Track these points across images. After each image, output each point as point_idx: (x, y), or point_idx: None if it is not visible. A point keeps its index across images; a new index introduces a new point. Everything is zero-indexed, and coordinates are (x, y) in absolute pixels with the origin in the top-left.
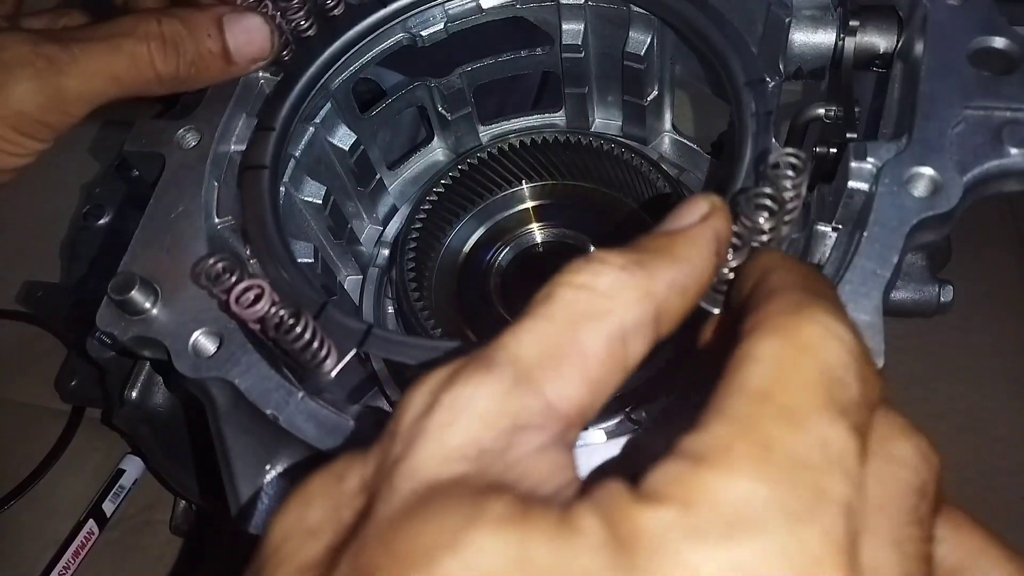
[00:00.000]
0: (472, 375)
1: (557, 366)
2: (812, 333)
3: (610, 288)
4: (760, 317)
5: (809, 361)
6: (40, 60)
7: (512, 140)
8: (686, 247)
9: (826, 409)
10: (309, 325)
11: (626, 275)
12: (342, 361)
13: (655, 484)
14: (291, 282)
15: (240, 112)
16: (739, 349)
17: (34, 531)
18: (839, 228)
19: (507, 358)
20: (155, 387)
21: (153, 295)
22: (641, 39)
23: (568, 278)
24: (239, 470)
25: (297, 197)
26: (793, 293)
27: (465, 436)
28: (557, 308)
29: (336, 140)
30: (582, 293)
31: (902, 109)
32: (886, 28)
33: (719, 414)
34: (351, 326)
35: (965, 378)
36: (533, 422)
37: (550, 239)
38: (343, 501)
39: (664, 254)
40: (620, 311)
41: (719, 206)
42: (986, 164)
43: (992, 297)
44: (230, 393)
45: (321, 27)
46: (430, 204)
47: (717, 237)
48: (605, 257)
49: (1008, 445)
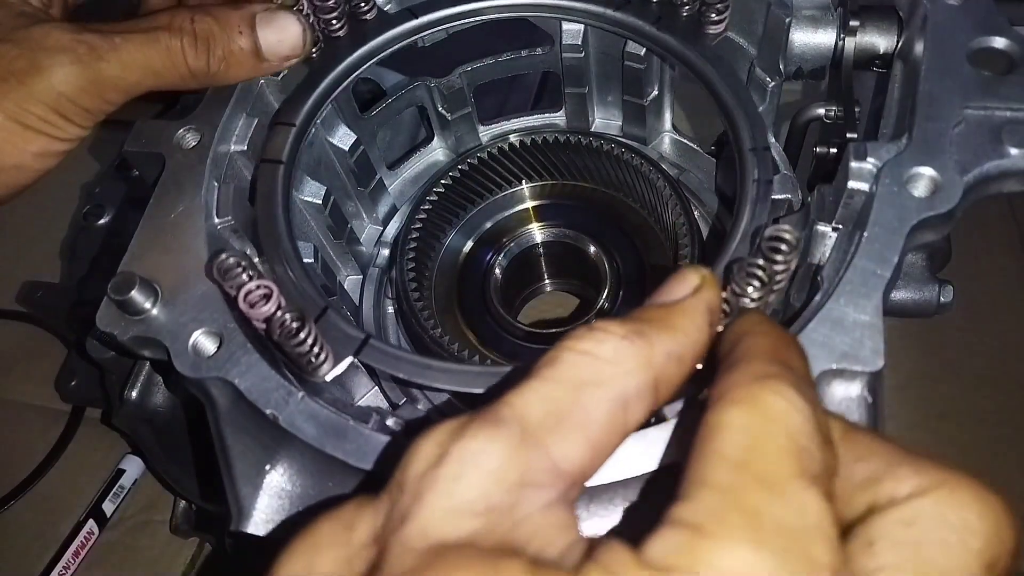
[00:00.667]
0: (480, 430)
1: (562, 428)
2: (776, 405)
3: (613, 356)
4: (728, 386)
5: (778, 431)
6: (81, 47)
7: (512, 140)
8: (682, 318)
9: (799, 477)
10: (312, 331)
11: (627, 344)
12: (338, 368)
13: (659, 553)
14: (296, 283)
15: (240, 112)
16: (710, 416)
17: (34, 531)
18: (839, 228)
19: (514, 416)
20: (155, 387)
21: (153, 295)
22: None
23: (573, 344)
24: (239, 470)
25: (297, 197)
26: (761, 363)
27: (474, 490)
28: (562, 372)
29: (336, 140)
30: (586, 359)
31: (902, 109)
32: (886, 28)
33: (703, 484)
34: (350, 333)
35: (965, 378)
36: (539, 480)
37: (550, 239)
38: (354, 552)
39: (662, 325)
40: (622, 378)
41: (709, 279)
42: (986, 164)
43: (992, 297)
44: (230, 393)
45: (352, 29)
46: (430, 204)
47: (709, 309)
48: (607, 326)
49: (1008, 445)
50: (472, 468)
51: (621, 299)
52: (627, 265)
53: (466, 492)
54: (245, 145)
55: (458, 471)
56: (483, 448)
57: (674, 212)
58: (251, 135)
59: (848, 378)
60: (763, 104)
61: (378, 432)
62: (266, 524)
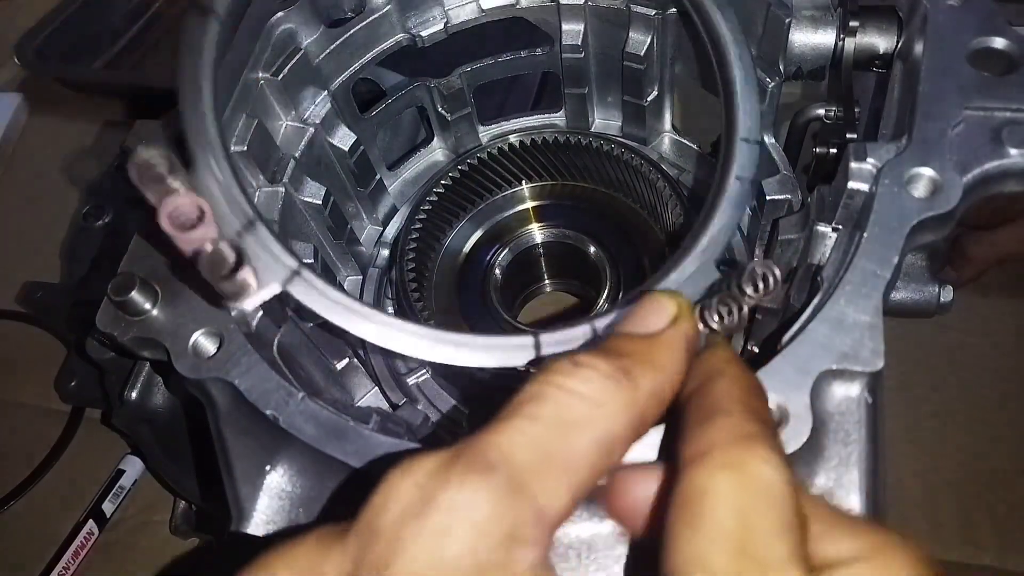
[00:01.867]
0: (468, 477)
1: (549, 473)
2: (765, 474)
3: (600, 397)
4: (708, 444)
5: (770, 506)
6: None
7: (512, 140)
8: (664, 354)
9: (791, 559)
10: (246, 262)
11: (614, 384)
12: (258, 298)
13: None
14: (222, 183)
15: (240, 113)
16: (696, 479)
17: (34, 531)
18: (839, 228)
19: (503, 461)
20: (155, 387)
21: (153, 296)
22: (641, 39)
23: (558, 380)
24: (239, 471)
25: (297, 197)
26: (741, 419)
27: (462, 545)
28: (548, 411)
29: (336, 140)
30: (573, 399)
31: (902, 109)
32: (886, 28)
33: (702, 567)
34: (282, 260)
35: (965, 378)
36: (526, 534)
37: (550, 239)
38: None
39: (646, 363)
40: (609, 420)
41: (686, 309)
42: (986, 164)
43: (992, 297)
44: (230, 394)
45: None
46: (430, 204)
47: (688, 341)
48: (593, 362)
49: (1008, 445)
50: (460, 520)
51: (621, 299)
52: (627, 265)
53: (453, 547)
54: (245, 146)
55: (445, 523)
56: (471, 498)
57: (674, 212)
58: (251, 136)
59: (848, 379)
60: (763, 104)
61: (378, 433)
62: (266, 525)
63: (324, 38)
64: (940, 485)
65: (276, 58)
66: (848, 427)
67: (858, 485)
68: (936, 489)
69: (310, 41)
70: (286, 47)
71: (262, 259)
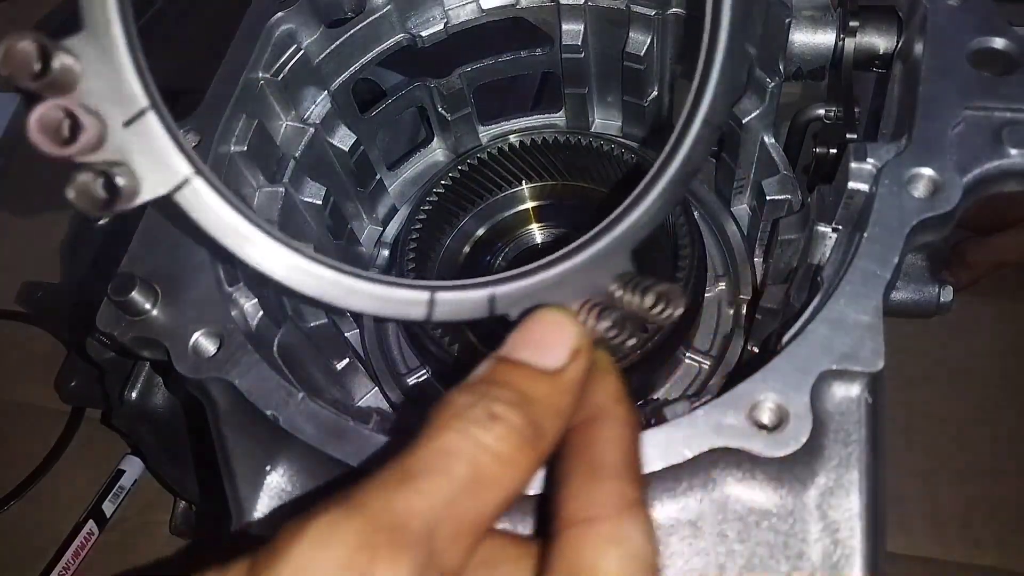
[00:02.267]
0: (398, 558)
1: (459, 537)
2: (645, 546)
3: (514, 457)
4: (595, 511)
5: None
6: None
7: (512, 140)
8: (567, 399)
9: None
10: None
11: (528, 446)
12: (139, 200)
13: None
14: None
15: (240, 113)
16: (582, 553)
17: (34, 531)
18: (839, 229)
19: (424, 533)
20: (155, 387)
21: (153, 296)
22: (641, 39)
23: (474, 434)
24: (239, 471)
25: (297, 197)
26: (626, 487)
27: None
28: (463, 471)
29: (336, 141)
30: (487, 458)
31: (902, 109)
32: (886, 28)
33: None
34: (171, 165)
35: (965, 378)
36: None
37: (550, 239)
38: None
39: (554, 414)
40: (519, 480)
41: (586, 346)
42: (986, 165)
43: (992, 297)
44: (230, 394)
45: None
46: (430, 204)
47: (584, 377)
48: (508, 417)
49: (1008, 445)
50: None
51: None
52: None
53: None
54: (245, 146)
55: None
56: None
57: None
58: (251, 136)
59: (848, 379)
60: (763, 104)
61: (378, 433)
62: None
63: (324, 38)
64: (940, 485)
65: (276, 58)
66: (848, 427)
67: (858, 485)
68: (936, 489)
69: (310, 41)
70: (286, 47)
71: (148, 159)
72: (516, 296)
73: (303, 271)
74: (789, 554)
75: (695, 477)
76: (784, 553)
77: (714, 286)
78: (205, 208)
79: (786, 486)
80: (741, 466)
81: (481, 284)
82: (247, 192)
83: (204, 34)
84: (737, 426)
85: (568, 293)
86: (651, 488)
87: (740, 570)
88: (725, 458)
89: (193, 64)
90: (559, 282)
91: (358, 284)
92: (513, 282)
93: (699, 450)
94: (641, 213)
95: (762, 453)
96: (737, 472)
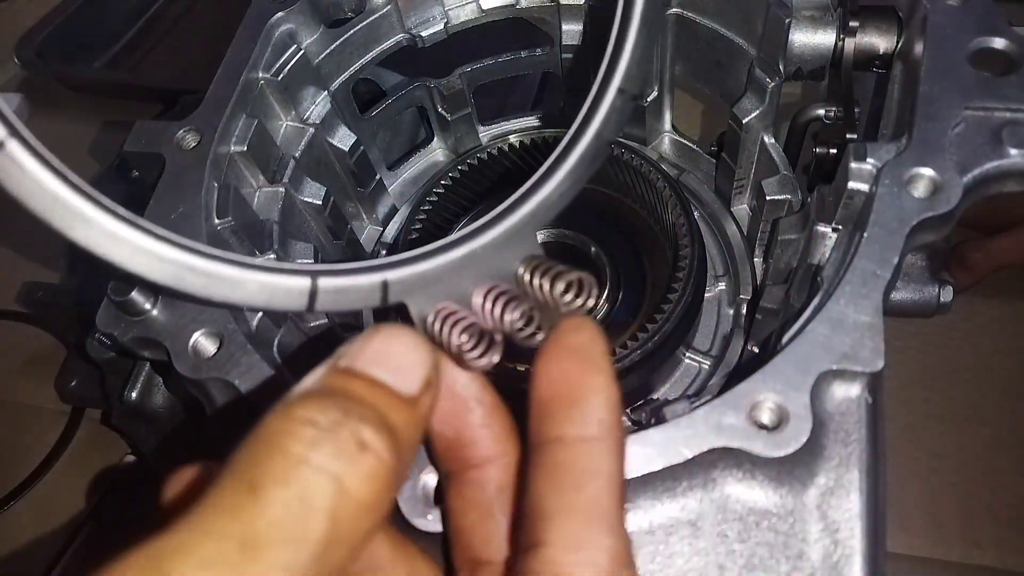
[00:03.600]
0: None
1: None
2: None
3: (377, 502)
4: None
5: None
6: None
7: (512, 140)
8: (420, 433)
9: None
10: None
11: (392, 488)
12: None
13: None
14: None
15: (240, 113)
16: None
17: (34, 531)
18: (839, 229)
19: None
20: (155, 388)
21: (153, 296)
22: None
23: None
24: None
25: (297, 197)
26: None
27: None
28: (318, 529)
29: (336, 141)
30: (349, 506)
31: (902, 110)
32: (886, 28)
33: None
34: None
35: (965, 378)
36: None
37: (550, 239)
38: None
39: (410, 448)
40: (370, 533)
41: (435, 378)
42: (986, 165)
43: (992, 297)
44: (230, 394)
45: None
46: (430, 204)
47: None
48: (375, 446)
49: (1008, 445)
50: None
51: (621, 299)
52: (627, 265)
53: None
54: (245, 146)
55: None
56: None
57: (674, 212)
58: (251, 136)
59: (848, 379)
60: (763, 104)
61: None
62: None
63: (324, 38)
64: (940, 485)
65: (276, 58)
66: (848, 427)
67: (858, 485)
68: (936, 489)
69: (310, 41)
70: (286, 47)
71: None
72: (411, 281)
73: (152, 255)
74: (789, 554)
75: (695, 477)
76: (784, 553)
77: (714, 286)
78: (20, 177)
79: (786, 486)
80: (741, 466)
81: (371, 268)
82: (247, 192)
83: (204, 34)
84: (737, 426)
85: (470, 278)
86: (651, 488)
87: (740, 570)
88: (725, 458)
89: (193, 64)
90: (460, 266)
91: (218, 268)
92: (408, 266)
93: (699, 450)
94: (551, 190)
95: (762, 453)
96: (737, 472)
